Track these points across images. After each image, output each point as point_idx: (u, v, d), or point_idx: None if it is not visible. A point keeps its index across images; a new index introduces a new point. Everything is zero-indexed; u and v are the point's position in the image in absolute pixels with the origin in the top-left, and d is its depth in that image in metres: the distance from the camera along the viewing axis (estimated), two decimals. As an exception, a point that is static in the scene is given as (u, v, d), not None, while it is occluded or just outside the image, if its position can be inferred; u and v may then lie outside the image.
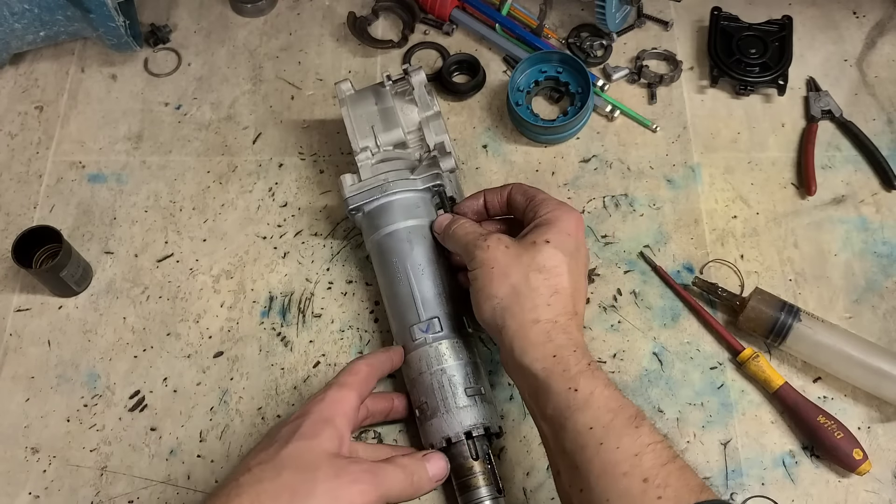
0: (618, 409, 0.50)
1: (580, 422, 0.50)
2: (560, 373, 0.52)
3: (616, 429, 0.49)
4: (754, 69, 0.80)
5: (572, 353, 0.53)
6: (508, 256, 0.58)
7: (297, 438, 0.51)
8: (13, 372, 0.68)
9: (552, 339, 0.54)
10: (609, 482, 0.47)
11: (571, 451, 0.50)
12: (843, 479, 0.63)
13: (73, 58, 0.85)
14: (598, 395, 0.51)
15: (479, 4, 0.84)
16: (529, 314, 0.55)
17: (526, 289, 0.56)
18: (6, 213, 0.76)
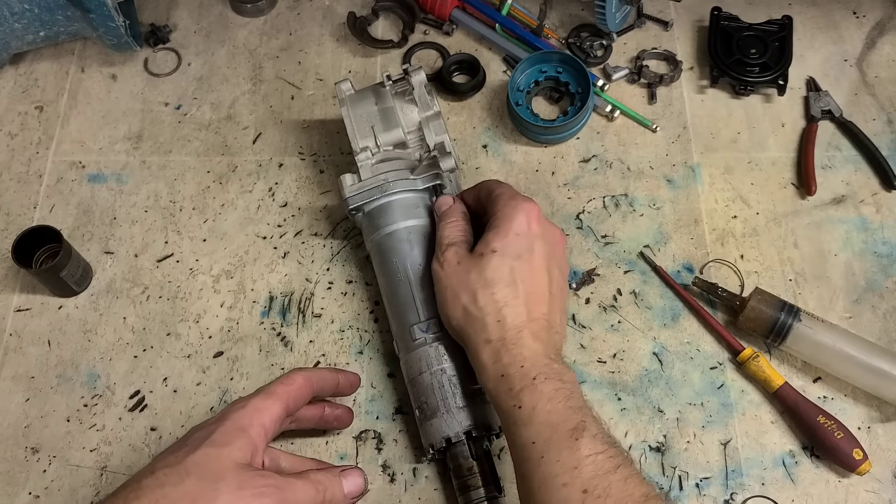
0: (558, 423, 0.51)
1: (524, 436, 0.52)
2: (505, 391, 0.53)
3: (555, 442, 0.50)
4: (754, 69, 0.80)
5: (518, 370, 0.54)
6: (459, 274, 0.58)
7: (206, 445, 0.50)
8: (13, 372, 0.68)
9: (500, 358, 0.55)
10: (549, 493, 0.49)
11: (518, 462, 0.52)
12: (843, 479, 0.63)
13: (73, 58, 0.85)
14: (540, 411, 0.52)
15: (479, 4, 0.84)
16: (481, 335, 0.56)
17: (474, 309, 0.56)
18: (6, 213, 0.76)
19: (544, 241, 0.59)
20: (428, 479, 0.63)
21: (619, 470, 0.49)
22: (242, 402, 0.54)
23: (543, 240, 0.59)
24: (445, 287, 0.59)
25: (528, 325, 0.56)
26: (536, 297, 0.57)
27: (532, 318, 0.56)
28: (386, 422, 0.66)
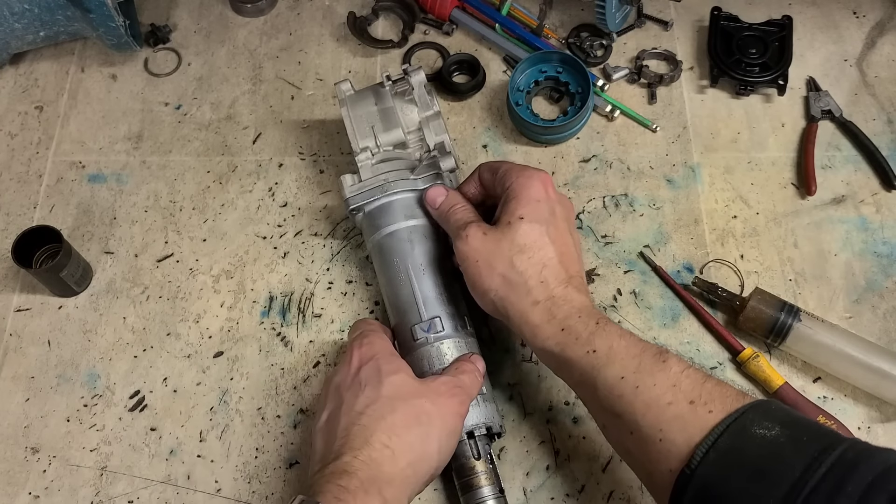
0: (640, 353, 0.52)
1: (609, 376, 0.52)
2: (573, 342, 0.54)
3: (646, 369, 0.51)
4: (754, 69, 0.80)
5: (578, 320, 0.55)
6: (489, 245, 0.59)
7: (386, 376, 0.56)
8: (13, 372, 0.68)
9: (554, 314, 0.55)
10: (657, 414, 0.49)
11: (610, 403, 0.52)
12: (843, 478, 0.63)
13: (73, 58, 0.84)
14: (617, 347, 0.53)
15: (479, 4, 0.84)
16: (526, 299, 0.56)
17: (515, 275, 0.57)
18: (6, 213, 0.76)
19: (562, 206, 0.61)
20: (428, 479, 0.63)
21: (710, 378, 0.50)
22: (362, 341, 0.60)
23: (561, 205, 0.61)
24: (477, 261, 0.59)
25: (570, 282, 0.57)
26: (569, 257, 0.59)
27: (570, 276, 0.58)
28: (386, 422, 0.66)
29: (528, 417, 0.66)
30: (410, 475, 0.53)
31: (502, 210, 0.60)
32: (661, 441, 0.49)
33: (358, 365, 0.58)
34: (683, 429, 0.48)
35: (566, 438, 0.65)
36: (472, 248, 0.59)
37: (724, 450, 0.46)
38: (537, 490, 0.63)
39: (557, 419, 0.66)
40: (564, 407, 0.66)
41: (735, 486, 0.45)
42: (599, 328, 0.54)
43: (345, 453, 0.52)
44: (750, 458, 0.45)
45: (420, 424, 0.54)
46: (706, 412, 0.48)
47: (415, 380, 0.57)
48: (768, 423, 0.46)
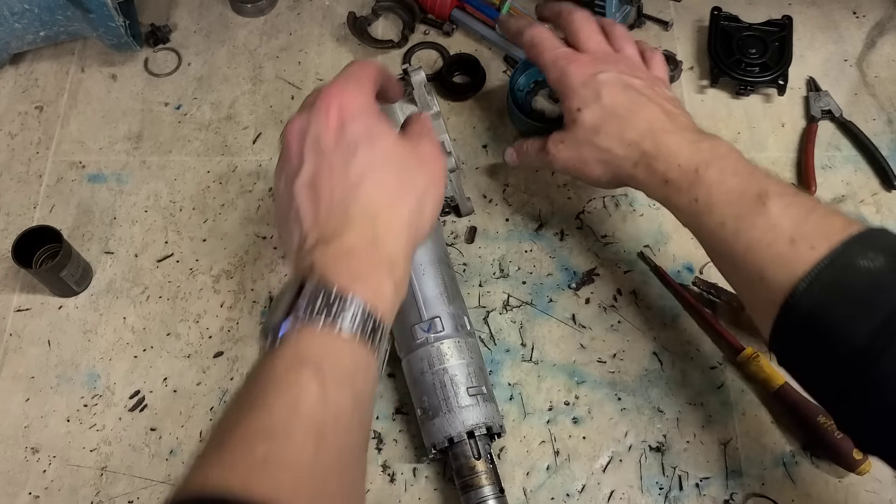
0: (738, 198, 0.53)
1: (710, 222, 0.54)
2: (676, 193, 0.56)
3: (745, 214, 0.52)
4: (754, 69, 0.80)
5: (677, 170, 0.56)
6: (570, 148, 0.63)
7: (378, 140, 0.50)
8: (13, 372, 0.68)
9: (654, 169, 0.58)
10: (758, 256, 0.51)
11: (712, 246, 0.56)
12: (843, 479, 0.63)
13: (73, 58, 0.84)
14: (717, 194, 0.54)
15: (479, 4, 0.84)
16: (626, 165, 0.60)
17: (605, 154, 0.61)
18: (6, 213, 0.76)
19: (606, 72, 0.62)
20: (428, 479, 0.63)
21: (815, 210, 0.51)
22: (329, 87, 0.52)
23: (605, 72, 0.62)
24: (573, 165, 0.63)
25: (652, 130, 0.58)
26: (639, 107, 0.60)
27: (651, 123, 0.59)
28: (386, 422, 0.66)
29: (528, 417, 0.66)
30: (410, 251, 0.50)
31: (563, 110, 0.64)
32: (762, 280, 0.50)
33: (339, 118, 0.50)
34: (784, 266, 0.49)
35: (566, 438, 0.65)
36: (563, 157, 0.64)
37: (827, 282, 0.47)
38: (537, 490, 0.63)
39: (557, 419, 0.66)
40: (564, 407, 0.66)
41: (837, 313, 0.46)
42: (697, 176, 0.55)
43: (346, 231, 0.47)
44: (853, 290, 0.46)
45: (416, 192, 0.51)
46: (808, 249, 0.48)
47: (402, 142, 0.52)
48: (873, 253, 0.46)
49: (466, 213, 0.74)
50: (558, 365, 0.68)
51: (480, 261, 0.72)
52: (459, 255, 0.73)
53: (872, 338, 0.44)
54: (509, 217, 0.74)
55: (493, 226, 0.74)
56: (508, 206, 0.75)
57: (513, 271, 0.72)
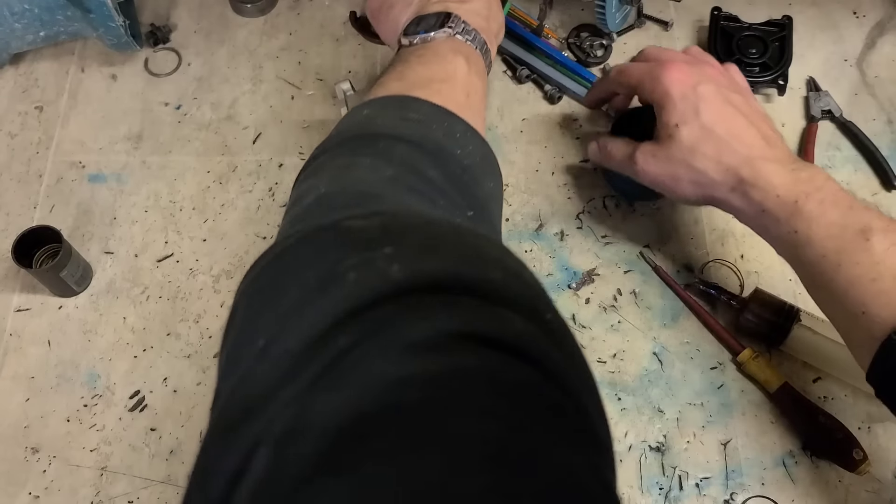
0: (841, 232, 0.53)
1: (810, 255, 0.54)
2: (774, 224, 0.56)
3: (848, 249, 0.52)
4: (754, 69, 0.80)
5: (776, 201, 0.56)
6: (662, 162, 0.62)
7: None
8: (13, 372, 0.68)
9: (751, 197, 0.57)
10: (860, 291, 0.51)
11: (811, 278, 0.55)
12: (843, 479, 0.63)
13: (73, 58, 0.84)
14: (818, 227, 0.54)
15: (479, 4, 0.83)
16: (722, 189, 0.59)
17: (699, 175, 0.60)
18: (6, 213, 0.76)
19: (706, 84, 0.60)
20: (428, 479, 0.63)
21: None
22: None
23: (704, 84, 0.60)
24: (662, 181, 0.62)
25: (751, 157, 0.57)
26: (739, 130, 0.59)
27: (750, 149, 0.58)
28: (386, 422, 0.65)
29: (528, 417, 0.66)
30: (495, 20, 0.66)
31: (658, 122, 0.62)
32: (863, 314, 0.50)
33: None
34: (888, 304, 0.49)
35: (566, 438, 0.65)
36: (651, 171, 0.62)
37: None
38: (537, 490, 0.63)
39: (557, 419, 0.66)
40: (564, 407, 0.66)
41: None
42: (797, 207, 0.54)
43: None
44: None
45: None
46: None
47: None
48: None
49: (466, 213, 0.74)
50: (558, 365, 0.68)
51: (480, 261, 0.72)
52: (459, 255, 0.72)
53: None
54: (509, 217, 0.74)
55: (493, 226, 0.74)
56: (508, 206, 0.75)
57: (513, 271, 0.72)
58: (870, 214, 0.53)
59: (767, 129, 0.60)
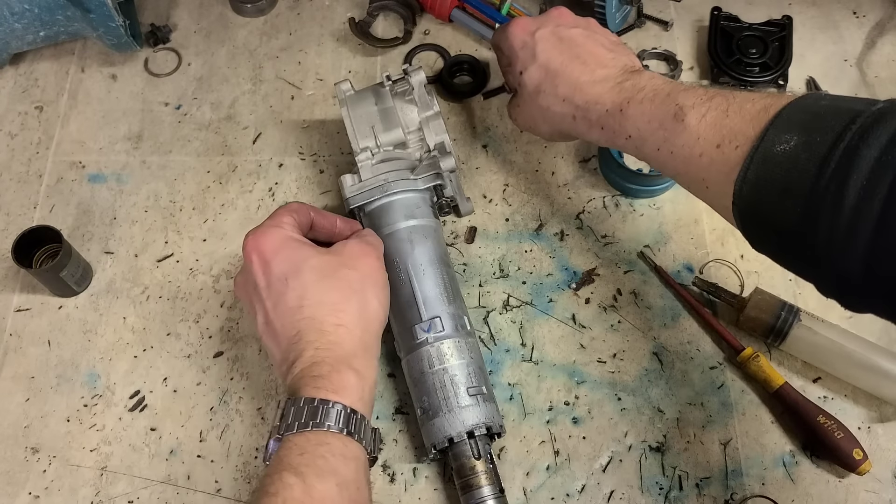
0: (661, 123, 0.55)
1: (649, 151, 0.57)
2: (613, 136, 0.59)
3: (671, 136, 0.54)
4: (754, 69, 0.80)
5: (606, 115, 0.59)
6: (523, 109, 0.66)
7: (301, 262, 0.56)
8: (13, 372, 0.68)
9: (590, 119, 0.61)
10: (695, 168, 0.53)
11: (661, 168, 0.57)
12: (843, 479, 0.63)
13: (73, 58, 0.84)
14: (644, 127, 0.56)
15: (479, 4, 0.84)
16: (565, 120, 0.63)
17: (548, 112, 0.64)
18: (6, 213, 0.76)
19: (542, 28, 0.64)
20: (428, 479, 0.63)
21: (731, 106, 0.51)
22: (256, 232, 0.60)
23: (541, 28, 0.64)
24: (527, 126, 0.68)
25: (579, 83, 0.61)
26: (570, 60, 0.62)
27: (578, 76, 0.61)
28: (386, 422, 0.66)
29: (528, 417, 0.66)
30: (368, 339, 0.57)
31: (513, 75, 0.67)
32: (708, 188, 0.53)
33: (263, 262, 0.57)
34: (720, 171, 0.50)
35: (566, 438, 0.65)
36: (518, 121, 0.69)
37: (753, 181, 0.48)
38: (537, 490, 0.63)
39: (557, 419, 0.66)
40: (564, 407, 0.66)
41: (768, 207, 0.47)
42: (624, 115, 0.57)
43: (305, 349, 0.54)
44: (776, 179, 0.47)
45: (355, 292, 0.57)
46: (733, 149, 0.49)
47: (327, 253, 0.59)
48: (787, 135, 0.47)
49: (466, 213, 0.74)
50: (558, 365, 0.68)
51: (480, 261, 0.72)
52: (459, 255, 0.73)
53: (801, 222, 0.45)
54: (509, 217, 0.75)
55: (493, 226, 0.74)
56: (508, 206, 0.75)
57: (513, 271, 0.72)
58: (684, 94, 0.54)
59: (603, 52, 0.62)
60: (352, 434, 0.51)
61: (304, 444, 0.50)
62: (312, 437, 0.50)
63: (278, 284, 0.56)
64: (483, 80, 0.81)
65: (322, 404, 0.51)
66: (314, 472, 0.48)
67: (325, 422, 0.50)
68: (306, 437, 0.50)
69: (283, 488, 0.47)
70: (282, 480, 0.47)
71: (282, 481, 0.47)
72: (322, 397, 0.51)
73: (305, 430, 0.50)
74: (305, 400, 0.51)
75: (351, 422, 0.51)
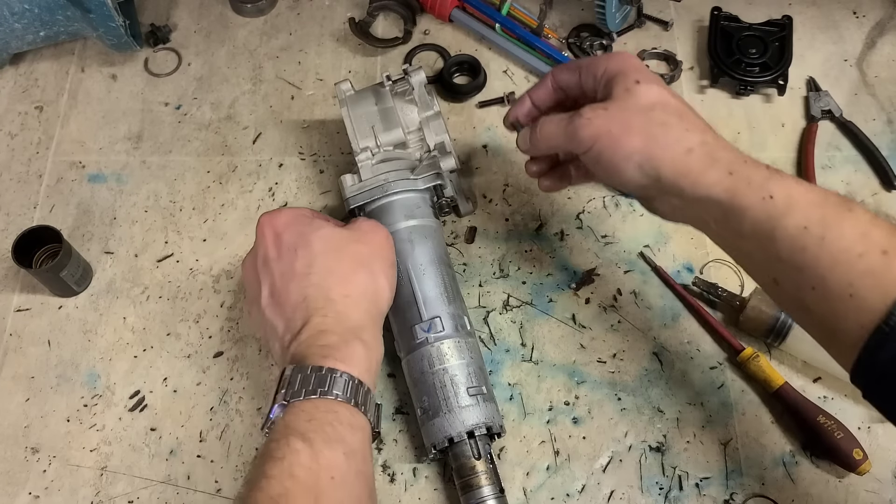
0: (823, 200, 0.47)
1: (790, 226, 0.47)
2: (746, 187, 0.49)
3: (831, 218, 0.46)
4: (754, 69, 0.80)
5: (745, 164, 0.50)
6: (615, 113, 0.53)
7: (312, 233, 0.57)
8: (13, 372, 0.68)
9: (717, 158, 0.50)
10: (846, 268, 0.45)
11: (789, 255, 0.47)
12: (843, 479, 0.63)
13: (73, 58, 0.84)
14: (797, 194, 0.48)
15: (479, 4, 0.84)
16: (677, 147, 0.51)
17: (657, 127, 0.52)
18: (6, 213, 0.76)
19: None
20: (428, 479, 0.63)
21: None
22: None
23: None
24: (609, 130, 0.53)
25: (715, 133, 0.53)
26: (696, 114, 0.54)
27: (710, 128, 0.53)
28: (386, 422, 0.66)
29: (528, 417, 0.66)
30: (375, 313, 0.57)
31: (611, 86, 0.55)
32: (851, 297, 0.44)
33: (274, 235, 0.58)
34: (878, 283, 0.44)
35: (566, 438, 0.65)
36: (599, 123, 0.53)
37: None
38: (537, 490, 0.63)
39: (557, 419, 0.66)
40: (564, 407, 0.66)
41: None
42: (772, 173, 0.49)
43: (312, 316, 0.53)
44: None
45: (364, 265, 0.57)
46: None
47: (340, 227, 0.59)
48: None
49: (466, 213, 0.74)
50: (558, 365, 0.68)
51: (480, 261, 0.72)
52: (459, 255, 0.73)
53: None
54: (509, 217, 0.75)
55: (493, 226, 0.74)
56: (508, 206, 0.75)
57: (513, 271, 0.72)
58: (848, 198, 0.48)
59: None
60: (358, 405, 0.50)
61: (312, 410, 0.49)
62: (321, 405, 0.49)
63: (288, 254, 0.57)
64: (483, 80, 0.81)
65: (330, 373, 0.50)
66: (322, 439, 0.47)
67: (332, 390, 0.49)
68: (314, 403, 0.49)
69: (291, 453, 0.46)
70: (289, 445, 0.46)
71: (289, 446, 0.46)
72: (330, 366, 0.50)
73: (313, 397, 0.49)
74: (313, 368, 0.50)
75: (358, 393, 0.50)
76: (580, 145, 0.54)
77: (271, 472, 0.45)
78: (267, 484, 0.45)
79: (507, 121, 0.65)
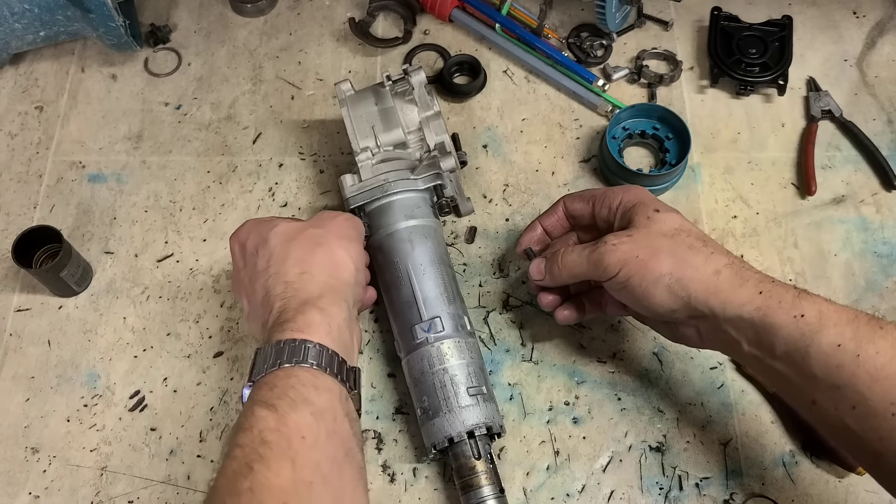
0: (854, 318, 0.48)
1: (824, 343, 0.47)
2: (777, 305, 0.50)
3: (864, 336, 0.47)
4: (754, 69, 0.80)
5: (773, 284, 0.51)
6: (640, 240, 0.55)
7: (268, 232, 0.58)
8: (13, 372, 0.68)
9: (745, 278, 0.52)
10: (886, 385, 0.45)
11: (825, 373, 0.47)
12: (843, 479, 0.63)
13: (73, 58, 0.85)
14: (827, 312, 0.48)
15: (479, 4, 0.84)
16: (706, 268, 0.52)
17: (685, 250, 0.53)
18: (6, 213, 0.76)
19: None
20: (428, 479, 0.63)
21: None
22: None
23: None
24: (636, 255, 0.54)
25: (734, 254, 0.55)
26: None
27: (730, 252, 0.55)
28: (386, 422, 0.66)
29: (528, 417, 0.66)
30: (335, 283, 0.56)
31: (630, 216, 0.58)
32: (894, 416, 0.44)
33: (240, 247, 0.60)
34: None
35: (566, 438, 0.65)
36: (625, 249, 0.55)
37: None
38: (537, 490, 0.63)
39: (557, 419, 0.66)
40: (564, 407, 0.66)
41: None
42: (801, 292, 0.50)
43: (274, 303, 0.54)
44: None
45: (319, 244, 0.57)
46: None
47: (296, 221, 0.60)
48: None
49: (466, 213, 0.74)
50: (558, 365, 0.68)
51: (480, 261, 0.72)
52: (459, 255, 0.73)
53: None
54: (509, 217, 0.75)
55: (493, 226, 0.74)
56: (508, 206, 0.75)
57: (513, 271, 0.72)
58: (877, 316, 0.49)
59: None
60: (322, 367, 0.50)
61: (272, 380, 0.49)
62: (280, 374, 0.49)
63: (251, 259, 0.58)
64: (483, 80, 0.81)
65: (288, 343, 0.51)
66: (286, 403, 0.48)
67: (291, 358, 0.50)
68: (274, 374, 0.50)
69: (257, 421, 0.46)
70: (254, 414, 0.47)
71: (254, 415, 0.47)
72: (288, 337, 0.51)
73: (273, 370, 0.50)
74: (272, 345, 0.51)
75: (321, 356, 0.51)
76: (606, 271, 0.56)
77: (242, 441, 0.46)
78: (241, 452, 0.45)
79: (520, 248, 0.66)
